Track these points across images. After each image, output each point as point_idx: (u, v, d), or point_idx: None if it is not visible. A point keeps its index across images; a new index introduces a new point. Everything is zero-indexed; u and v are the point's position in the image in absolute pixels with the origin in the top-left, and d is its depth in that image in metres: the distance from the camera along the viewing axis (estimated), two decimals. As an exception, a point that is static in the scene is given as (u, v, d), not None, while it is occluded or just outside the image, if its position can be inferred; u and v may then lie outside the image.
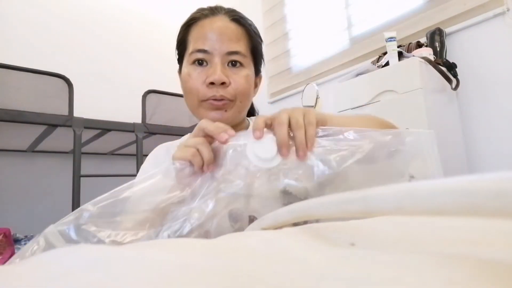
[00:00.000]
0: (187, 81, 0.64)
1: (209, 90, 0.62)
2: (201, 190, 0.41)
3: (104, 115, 1.74)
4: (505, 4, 1.31)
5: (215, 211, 0.40)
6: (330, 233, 0.23)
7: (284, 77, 2.34)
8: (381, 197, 0.16)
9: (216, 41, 0.63)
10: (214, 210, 0.40)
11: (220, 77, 0.61)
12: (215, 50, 0.62)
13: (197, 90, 0.63)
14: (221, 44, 0.63)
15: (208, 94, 0.62)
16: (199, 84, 0.63)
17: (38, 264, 0.16)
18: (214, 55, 0.63)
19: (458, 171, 1.29)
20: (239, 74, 0.64)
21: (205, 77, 0.63)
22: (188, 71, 0.64)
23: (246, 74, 0.65)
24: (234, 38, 0.64)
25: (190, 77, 0.64)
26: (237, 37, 0.64)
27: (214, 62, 0.63)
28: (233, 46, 0.63)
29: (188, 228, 0.38)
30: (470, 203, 0.12)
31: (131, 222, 0.38)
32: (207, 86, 0.62)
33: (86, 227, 0.35)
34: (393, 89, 1.31)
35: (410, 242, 0.20)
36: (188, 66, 0.65)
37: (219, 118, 0.63)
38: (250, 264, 0.15)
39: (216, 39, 0.63)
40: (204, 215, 0.39)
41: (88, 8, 2.30)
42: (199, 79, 0.63)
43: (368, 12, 1.86)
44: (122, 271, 0.14)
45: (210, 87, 0.62)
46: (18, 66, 1.43)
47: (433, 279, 0.12)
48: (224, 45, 0.63)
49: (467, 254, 0.16)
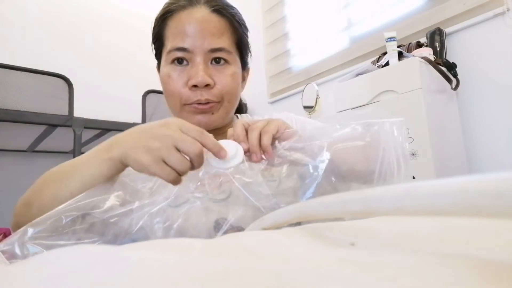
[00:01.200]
0: (167, 82, 0.58)
1: (193, 93, 0.57)
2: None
3: (104, 115, 1.74)
4: (505, 4, 1.31)
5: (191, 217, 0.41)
6: (330, 233, 0.23)
7: (284, 77, 2.34)
8: (381, 197, 0.16)
9: (196, 37, 0.56)
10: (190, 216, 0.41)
11: (203, 78, 0.55)
12: (196, 48, 0.56)
13: (179, 93, 0.57)
14: (202, 41, 0.56)
15: (192, 98, 0.57)
16: (180, 87, 0.57)
17: (38, 264, 0.16)
18: (195, 54, 0.56)
19: (458, 171, 1.29)
20: (224, 73, 0.58)
21: (186, 79, 0.57)
22: (167, 72, 0.58)
23: (232, 72, 0.59)
24: (217, 33, 0.57)
25: (170, 78, 0.58)
26: (220, 31, 0.58)
27: (195, 62, 0.56)
28: (216, 42, 0.57)
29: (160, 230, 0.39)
30: (470, 204, 0.12)
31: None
32: (189, 89, 0.56)
33: (30, 244, 0.36)
34: (393, 89, 1.31)
35: (410, 242, 0.20)
36: (167, 66, 0.58)
37: (206, 121, 0.58)
38: (250, 264, 0.15)
39: (197, 35, 0.56)
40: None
41: (88, 8, 2.30)
42: (180, 81, 0.57)
43: (368, 12, 1.86)
44: (122, 271, 0.14)
45: (193, 90, 0.56)
46: (18, 66, 1.43)
47: (433, 279, 0.12)
48: (206, 41, 0.56)
49: (467, 254, 0.16)
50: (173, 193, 0.41)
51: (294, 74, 2.27)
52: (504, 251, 0.17)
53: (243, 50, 0.64)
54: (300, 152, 0.43)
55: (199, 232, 0.41)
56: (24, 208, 0.47)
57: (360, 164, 0.43)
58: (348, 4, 1.96)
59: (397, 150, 0.40)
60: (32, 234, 0.36)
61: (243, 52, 0.64)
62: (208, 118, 0.59)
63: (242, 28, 0.63)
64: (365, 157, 0.42)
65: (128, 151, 0.40)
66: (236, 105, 0.63)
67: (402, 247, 0.19)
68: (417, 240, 0.20)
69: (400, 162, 0.40)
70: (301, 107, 1.99)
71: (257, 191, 0.41)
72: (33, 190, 0.48)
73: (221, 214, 0.42)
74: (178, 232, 0.40)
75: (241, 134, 0.45)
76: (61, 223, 0.37)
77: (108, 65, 2.30)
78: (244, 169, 0.42)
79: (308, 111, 1.95)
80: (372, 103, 1.37)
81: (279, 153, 0.44)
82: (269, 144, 0.44)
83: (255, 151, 0.43)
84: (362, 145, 0.42)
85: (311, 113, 1.94)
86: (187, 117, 0.59)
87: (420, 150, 1.19)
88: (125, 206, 0.40)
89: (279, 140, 0.46)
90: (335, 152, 0.42)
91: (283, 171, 0.43)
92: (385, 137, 0.41)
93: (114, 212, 0.39)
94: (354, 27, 1.94)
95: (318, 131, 0.45)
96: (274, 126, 0.45)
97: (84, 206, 0.39)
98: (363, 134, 0.42)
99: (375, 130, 0.42)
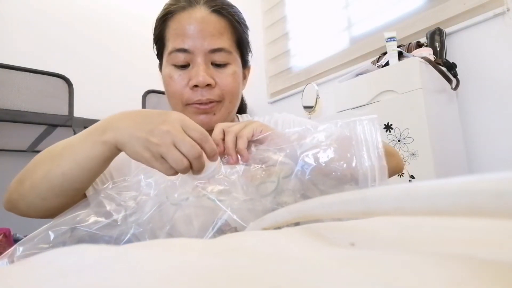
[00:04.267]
0: (168, 83, 0.59)
1: (194, 93, 0.57)
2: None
3: (104, 115, 1.73)
4: (505, 4, 1.31)
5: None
6: (330, 233, 0.23)
7: (284, 77, 2.34)
8: (381, 197, 0.16)
9: (196, 38, 0.56)
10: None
11: (204, 79, 0.56)
12: (197, 49, 0.57)
13: (181, 93, 0.58)
14: (202, 41, 0.56)
15: (193, 98, 0.57)
16: (182, 87, 0.58)
17: (38, 264, 0.16)
18: (196, 54, 0.57)
19: (458, 171, 1.29)
20: (225, 73, 0.59)
21: (187, 79, 0.57)
22: (169, 73, 0.59)
23: (233, 71, 0.60)
24: (217, 33, 0.58)
25: (171, 79, 0.58)
26: (220, 31, 0.58)
27: (196, 62, 0.57)
28: (216, 42, 0.57)
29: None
30: (470, 204, 0.11)
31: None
32: (191, 89, 0.57)
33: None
34: (393, 89, 1.31)
35: (410, 242, 0.20)
36: (169, 67, 0.59)
37: (208, 122, 0.59)
38: (250, 264, 0.15)
39: (197, 36, 0.56)
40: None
41: (88, 8, 2.30)
42: (181, 81, 0.58)
43: (368, 12, 1.86)
44: (122, 271, 0.14)
45: (194, 90, 0.57)
46: (18, 66, 1.43)
47: (433, 279, 0.12)
48: (206, 41, 0.57)
49: (467, 254, 0.16)
50: (169, 193, 0.41)
51: (294, 74, 2.27)
52: (504, 251, 0.17)
53: (244, 49, 0.64)
54: (275, 154, 0.44)
55: (199, 232, 0.42)
56: (17, 185, 0.47)
57: (332, 163, 0.44)
58: (348, 4, 1.96)
59: (369, 148, 0.41)
60: (21, 253, 0.36)
61: (243, 51, 0.64)
62: (210, 118, 0.59)
63: (242, 27, 0.63)
64: (339, 156, 0.43)
65: (125, 139, 0.40)
66: (237, 105, 0.64)
67: (402, 247, 0.19)
68: (417, 240, 0.20)
69: (374, 161, 0.40)
70: (301, 107, 1.99)
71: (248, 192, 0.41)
72: (27, 168, 0.48)
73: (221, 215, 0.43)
74: (178, 233, 0.40)
75: (218, 137, 0.46)
76: (49, 239, 0.37)
77: (108, 65, 2.30)
78: (221, 177, 0.43)
79: (308, 111, 1.95)
80: (372, 103, 1.37)
81: (254, 156, 0.45)
82: (244, 148, 0.45)
83: (230, 154, 0.45)
84: (335, 144, 0.42)
85: (311, 113, 1.94)
86: (189, 117, 0.59)
87: (420, 150, 1.19)
88: (111, 217, 0.40)
89: (256, 143, 0.47)
90: (308, 152, 0.43)
91: (263, 174, 0.44)
92: (357, 135, 0.42)
93: (101, 224, 0.39)
94: (354, 27, 1.94)
95: (292, 132, 0.46)
96: (249, 129, 0.47)
97: (70, 220, 0.39)
98: (337, 133, 0.44)
99: (347, 128, 0.43)
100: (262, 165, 0.45)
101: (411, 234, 0.21)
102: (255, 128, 0.47)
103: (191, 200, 0.42)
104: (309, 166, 0.42)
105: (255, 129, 0.47)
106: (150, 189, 0.42)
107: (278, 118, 0.71)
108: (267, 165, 0.44)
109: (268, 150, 0.45)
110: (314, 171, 0.42)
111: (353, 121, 0.42)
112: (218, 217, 0.40)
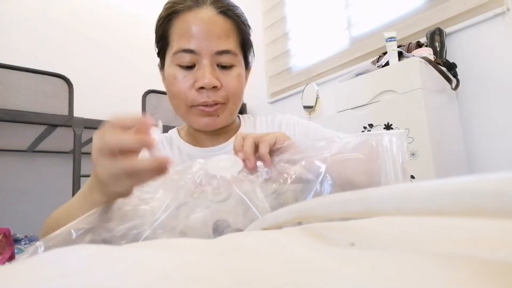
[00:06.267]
0: (172, 84, 0.58)
1: (199, 95, 0.57)
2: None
3: (104, 115, 1.74)
4: (505, 4, 1.31)
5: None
6: (330, 233, 0.23)
7: (284, 77, 2.34)
8: (381, 198, 0.16)
9: (203, 39, 0.56)
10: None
11: (210, 81, 0.55)
12: (203, 50, 0.56)
13: (185, 95, 0.57)
14: (209, 43, 0.56)
15: (199, 100, 0.57)
16: (186, 89, 0.57)
17: (38, 264, 0.16)
18: (201, 56, 0.56)
19: (458, 171, 1.29)
20: (231, 75, 0.59)
21: (193, 81, 0.57)
22: (173, 73, 0.58)
23: (238, 73, 0.60)
24: (223, 35, 0.57)
25: (176, 80, 0.57)
26: (226, 33, 0.57)
27: (202, 63, 0.56)
28: (223, 44, 0.57)
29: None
30: (470, 204, 0.12)
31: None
32: (196, 91, 0.57)
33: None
34: (393, 89, 1.31)
35: (410, 242, 0.20)
36: (173, 67, 0.58)
37: (212, 124, 0.59)
38: (250, 264, 0.15)
39: (203, 37, 0.56)
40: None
41: (88, 8, 2.30)
42: (186, 82, 0.57)
43: (368, 12, 1.86)
44: (122, 271, 0.14)
45: (200, 92, 0.57)
46: (18, 66, 1.44)
47: (434, 279, 0.12)
48: (213, 43, 0.56)
49: (467, 254, 0.16)
50: (174, 198, 0.41)
51: (294, 74, 2.27)
52: (504, 251, 0.17)
53: (247, 51, 0.64)
54: (297, 165, 0.43)
55: (198, 233, 0.41)
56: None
57: (357, 178, 0.42)
58: (348, 4, 1.96)
59: (396, 163, 0.40)
60: (43, 251, 0.35)
61: (247, 53, 0.64)
62: (214, 120, 0.59)
63: (247, 28, 0.63)
64: (363, 171, 0.42)
65: (105, 189, 0.36)
66: (239, 106, 0.64)
67: (402, 247, 0.19)
68: (417, 240, 0.20)
69: (398, 176, 0.39)
70: (301, 107, 1.99)
71: (254, 198, 0.41)
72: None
73: (221, 216, 0.42)
74: (177, 233, 0.40)
75: (238, 144, 0.45)
76: (71, 237, 0.36)
77: (108, 65, 2.30)
78: (243, 178, 0.42)
79: (308, 111, 1.95)
80: (372, 103, 1.37)
81: (276, 166, 0.44)
82: (267, 153, 0.43)
83: (248, 158, 0.43)
84: (360, 158, 0.41)
85: (311, 113, 1.94)
86: (193, 119, 0.59)
87: (420, 150, 1.19)
88: (128, 221, 0.39)
89: (278, 152, 0.45)
90: (332, 166, 0.41)
91: (282, 184, 0.43)
92: (383, 151, 0.41)
93: (121, 226, 0.38)
94: (354, 27, 1.94)
95: (317, 143, 0.44)
96: (272, 136, 0.45)
97: (92, 220, 0.38)
98: (361, 147, 0.42)
99: (373, 143, 0.41)
100: (281, 178, 0.42)
101: (411, 234, 0.21)
102: (278, 137, 0.46)
103: (193, 202, 0.42)
104: (330, 181, 0.41)
105: (278, 137, 0.45)
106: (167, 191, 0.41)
107: (281, 120, 0.71)
108: (286, 177, 0.43)
109: (291, 161, 0.43)
110: (335, 187, 0.41)
111: (381, 134, 0.41)
112: (222, 218, 0.40)
